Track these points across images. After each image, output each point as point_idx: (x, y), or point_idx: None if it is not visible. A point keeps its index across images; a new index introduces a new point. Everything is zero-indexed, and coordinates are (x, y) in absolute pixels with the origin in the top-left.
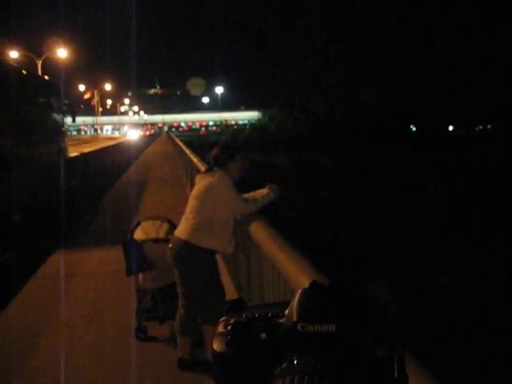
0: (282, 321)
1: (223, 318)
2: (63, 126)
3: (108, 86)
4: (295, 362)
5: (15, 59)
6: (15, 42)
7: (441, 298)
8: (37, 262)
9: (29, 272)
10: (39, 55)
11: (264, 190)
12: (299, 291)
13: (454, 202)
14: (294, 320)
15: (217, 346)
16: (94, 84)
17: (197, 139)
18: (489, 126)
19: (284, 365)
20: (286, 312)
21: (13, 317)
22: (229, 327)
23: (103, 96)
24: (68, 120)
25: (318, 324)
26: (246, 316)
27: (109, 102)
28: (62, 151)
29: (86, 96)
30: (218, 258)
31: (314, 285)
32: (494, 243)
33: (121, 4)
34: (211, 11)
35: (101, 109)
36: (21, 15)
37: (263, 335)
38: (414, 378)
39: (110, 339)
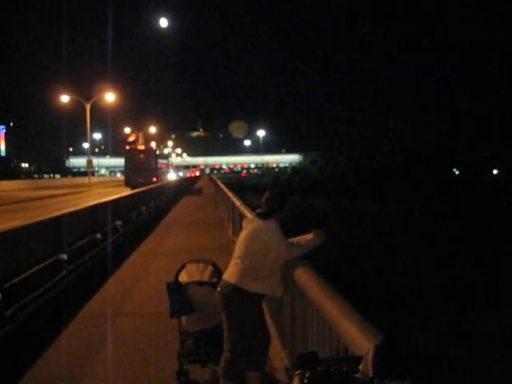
0: (356, 376)
1: (298, 372)
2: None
3: (152, 129)
4: None
5: (66, 103)
6: (66, 86)
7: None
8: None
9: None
10: (88, 99)
11: (309, 236)
12: (372, 347)
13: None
14: (371, 375)
15: None
16: (139, 127)
17: (238, 181)
18: None
19: None
20: (361, 367)
21: (56, 356)
22: (305, 381)
23: (147, 138)
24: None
25: (394, 380)
26: (321, 370)
27: (153, 144)
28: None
29: (131, 138)
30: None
31: (387, 342)
32: None
33: (165, 50)
34: (254, 57)
35: None
36: (72, 61)
37: None
38: None
39: (151, 381)
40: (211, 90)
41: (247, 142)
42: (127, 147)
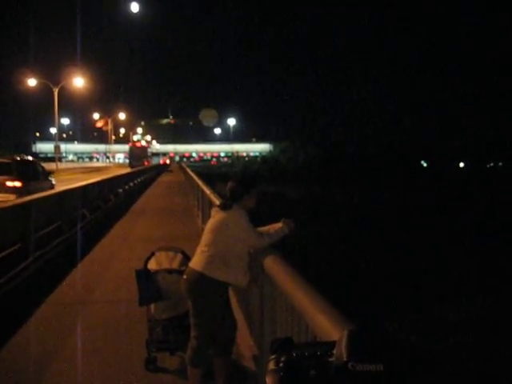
0: (331, 360)
1: (274, 356)
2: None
3: (122, 115)
4: None
5: (33, 87)
6: (33, 71)
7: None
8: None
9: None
10: (56, 83)
11: (278, 225)
12: (346, 332)
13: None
14: (345, 359)
15: (270, 381)
16: (108, 113)
17: (208, 170)
18: (500, 164)
19: None
20: (335, 351)
21: (23, 343)
22: (280, 364)
23: (117, 125)
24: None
25: (367, 363)
26: (296, 354)
27: (122, 130)
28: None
29: (99, 124)
30: (229, 290)
31: (361, 327)
32: None
33: (137, 37)
34: (226, 45)
35: (114, 137)
36: (39, 45)
37: (313, 372)
38: None
39: (119, 369)
40: (182, 77)
41: (217, 131)
42: (130, 144)
